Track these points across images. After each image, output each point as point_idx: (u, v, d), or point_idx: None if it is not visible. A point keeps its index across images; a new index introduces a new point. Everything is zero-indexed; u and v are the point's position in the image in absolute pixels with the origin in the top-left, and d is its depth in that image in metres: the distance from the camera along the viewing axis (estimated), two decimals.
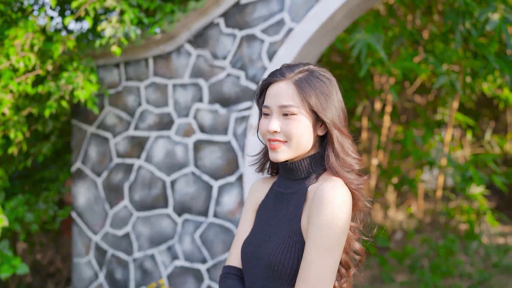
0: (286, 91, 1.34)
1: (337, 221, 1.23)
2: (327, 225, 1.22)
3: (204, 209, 3.28)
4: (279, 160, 1.35)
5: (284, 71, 1.37)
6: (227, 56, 3.21)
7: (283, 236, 1.31)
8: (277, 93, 1.35)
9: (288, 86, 1.34)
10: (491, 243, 6.12)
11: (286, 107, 1.33)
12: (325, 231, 1.22)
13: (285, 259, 1.28)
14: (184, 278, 3.35)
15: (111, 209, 3.63)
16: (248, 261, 1.38)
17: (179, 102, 3.38)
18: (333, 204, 1.23)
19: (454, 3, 4.43)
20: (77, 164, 3.79)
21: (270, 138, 1.35)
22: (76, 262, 3.79)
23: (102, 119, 3.68)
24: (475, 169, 5.05)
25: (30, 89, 3.19)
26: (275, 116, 1.35)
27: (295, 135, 1.33)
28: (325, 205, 1.23)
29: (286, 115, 1.33)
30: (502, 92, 5.93)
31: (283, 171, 1.42)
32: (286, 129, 1.33)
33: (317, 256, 1.22)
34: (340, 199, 1.24)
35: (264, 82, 1.40)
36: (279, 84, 1.36)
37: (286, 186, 1.41)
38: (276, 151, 1.35)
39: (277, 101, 1.34)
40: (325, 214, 1.23)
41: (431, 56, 4.41)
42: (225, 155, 3.21)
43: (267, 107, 1.37)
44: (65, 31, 4.02)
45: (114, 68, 3.63)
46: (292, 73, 1.36)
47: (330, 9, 2.82)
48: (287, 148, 1.34)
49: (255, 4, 3.11)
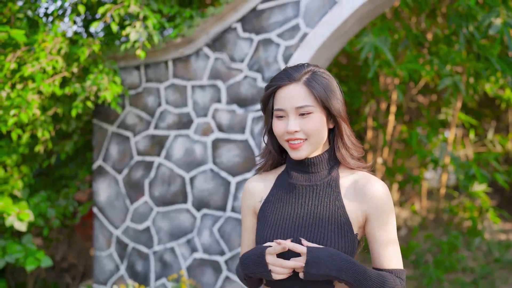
0: (299, 92, 1.42)
1: (392, 202, 1.46)
2: (390, 210, 1.43)
3: (222, 204, 3.47)
4: (301, 157, 1.45)
5: (291, 74, 1.44)
6: (244, 59, 3.39)
7: (332, 226, 1.41)
8: (290, 96, 1.42)
9: (300, 88, 1.43)
10: (493, 239, 6.30)
11: (302, 108, 1.42)
12: (391, 215, 1.44)
13: (340, 248, 1.39)
14: (203, 270, 3.53)
15: (131, 204, 3.81)
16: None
17: (198, 102, 3.56)
18: (387, 192, 1.44)
19: (458, 7, 4.61)
20: (98, 161, 3.97)
21: (290, 138, 1.43)
22: (98, 255, 3.97)
23: (122, 118, 3.86)
24: (477, 167, 5.22)
25: (58, 90, 3.37)
26: (292, 117, 1.42)
27: (314, 132, 1.43)
28: (384, 197, 1.43)
29: (302, 114, 1.42)
30: (504, 92, 6.11)
31: (299, 166, 1.49)
32: (305, 127, 1.42)
33: (391, 234, 1.44)
34: (386, 187, 1.46)
35: (274, 87, 1.46)
36: (290, 87, 1.43)
37: (304, 179, 1.48)
38: (298, 150, 1.44)
39: (292, 103, 1.42)
40: (387, 203, 1.43)
41: (436, 58, 4.59)
42: (243, 153, 3.39)
43: (282, 110, 1.44)
44: (85, 34, 4.21)
45: (134, 70, 3.81)
46: (299, 74, 1.44)
47: (343, 15, 3.00)
48: (307, 145, 1.44)
49: (271, 10, 3.29)
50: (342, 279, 1.35)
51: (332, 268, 1.34)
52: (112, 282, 3.89)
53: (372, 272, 1.39)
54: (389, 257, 1.43)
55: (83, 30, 4.25)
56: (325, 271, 1.34)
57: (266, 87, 1.50)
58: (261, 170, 1.58)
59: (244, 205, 1.59)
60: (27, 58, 3.40)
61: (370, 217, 1.43)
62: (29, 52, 3.44)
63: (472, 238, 6.00)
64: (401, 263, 1.46)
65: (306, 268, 1.35)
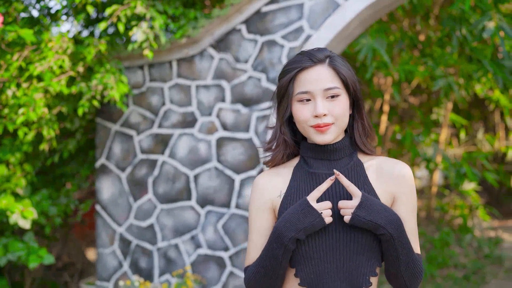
0: (326, 74, 1.36)
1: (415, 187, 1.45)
2: (414, 193, 1.42)
3: (226, 201, 3.55)
4: (328, 142, 1.37)
5: (315, 55, 1.37)
6: (248, 60, 3.48)
7: None
8: (317, 77, 1.35)
9: (326, 69, 1.36)
10: (483, 236, 6.48)
11: (331, 89, 1.35)
12: (415, 198, 1.43)
13: (375, 235, 1.35)
14: (207, 266, 3.61)
15: (135, 202, 3.88)
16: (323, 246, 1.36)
17: (202, 102, 3.64)
18: (412, 175, 1.43)
19: (451, 10, 4.75)
20: (101, 160, 4.03)
21: (318, 124, 1.35)
22: (101, 252, 4.02)
23: (126, 117, 3.92)
24: (469, 166, 5.37)
25: (65, 89, 3.42)
26: (319, 99, 1.35)
27: (342, 115, 1.37)
28: (410, 179, 1.42)
29: (331, 97, 1.36)
30: (493, 93, 6.28)
31: (318, 154, 1.41)
32: (334, 110, 1.36)
33: (414, 217, 1.42)
34: (411, 170, 1.45)
35: (297, 69, 1.37)
36: (315, 68, 1.36)
37: (326, 167, 1.41)
38: (325, 133, 1.36)
39: (320, 85, 1.35)
40: (413, 184, 1.42)
41: (430, 60, 4.72)
42: (247, 151, 3.48)
43: (307, 92, 1.36)
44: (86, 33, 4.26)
45: (138, 70, 3.88)
46: (323, 56, 1.38)
47: (345, 18, 3.11)
48: (334, 129, 1.37)
49: (276, 13, 3.38)
50: (389, 232, 1.30)
51: (382, 216, 1.30)
52: (115, 278, 3.95)
53: (411, 244, 1.37)
54: (412, 241, 1.40)
55: (85, 29, 4.30)
56: (375, 217, 1.29)
57: (284, 72, 1.41)
58: (273, 163, 1.47)
59: (256, 204, 1.45)
60: (33, 58, 3.46)
61: (398, 196, 1.39)
62: (36, 52, 3.49)
63: (463, 235, 6.17)
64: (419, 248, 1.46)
65: (357, 210, 1.29)
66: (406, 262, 1.34)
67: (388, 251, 1.33)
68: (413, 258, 1.36)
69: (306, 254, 1.35)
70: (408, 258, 1.35)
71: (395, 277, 1.38)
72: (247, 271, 1.45)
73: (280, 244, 1.33)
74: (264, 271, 1.38)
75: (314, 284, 1.35)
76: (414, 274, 1.38)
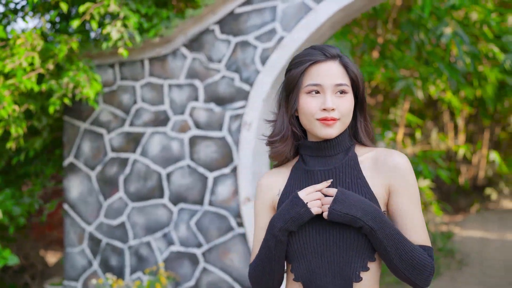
0: (337, 70, 1.39)
1: (415, 178, 1.40)
2: (414, 183, 1.38)
3: (199, 199, 3.60)
4: (332, 136, 1.39)
5: (328, 50, 1.40)
6: (222, 60, 3.55)
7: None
8: (330, 72, 1.38)
9: (338, 66, 1.40)
10: (436, 231, 6.82)
11: (341, 85, 1.38)
12: (415, 188, 1.39)
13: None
14: (180, 262, 3.65)
15: (105, 200, 3.86)
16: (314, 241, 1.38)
17: (175, 100, 3.68)
18: (409, 165, 1.39)
19: (410, 16, 5.00)
20: (69, 158, 3.98)
21: (325, 117, 1.37)
22: (69, 252, 3.98)
23: (96, 116, 3.90)
24: (425, 164, 5.66)
25: (36, 87, 3.37)
26: (329, 93, 1.38)
27: (348, 113, 1.40)
28: (407, 168, 1.39)
29: (341, 92, 1.38)
30: (446, 95, 6.63)
31: (315, 151, 1.44)
32: (342, 107, 1.38)
33: (417, 208, 1.38)
34: (408, 160, 1.41)
35: (310, 62, 1.39)
36: (328, 63, 1.39)
37: (321, 164, 1.43)
38: (331, 127, 1.38)
39: (332, 80, 1.38)
40: (410, 174, 1.38)
41: (391, 62, 4.95)
42: (220, 149, 3.55)
43: (318, 85, 1.38)
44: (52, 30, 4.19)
45: (108, 68, 3.86)
46: (335, 52, 1.41)
47: (318, 21, 3.23)
48: (339, 125, 1.39)
49: (249, 14, 3.46)
50: (366, 224, 1.30)
51: (358, 209, 1.31)
52: (84, 278, 3.92)
53: (402, 234, 1.34)
54: (417, 232, 1.36)
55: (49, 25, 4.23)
56: (351, 210, 1.30)
57: (296, 64, 1.43)
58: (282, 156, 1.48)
59: (258, 203, 1.51)
60: (1, 54, 3.38)
61: (394, 189, 1.37)
62: (4, 48, 3.42)
63: None
64: (429, 241, 1.39)
65: (332, 204, 1.32)
66: (398, 254, 1.31)
67: (374, 244, 1.33)
68: (408, 250, 1.32)
69: (299, 250, 1.39)
70: (399, 249, 1.31)
71: (394, 270, 1.35)
72: (249, 266, 1.50)
73: (272, 235, 1.38)
74: (262, 264, 1.43)
75: (307, 279, 1.38)
76: (414, 266, 1.32)
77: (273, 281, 1.46)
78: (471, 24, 5.20)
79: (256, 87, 3.44)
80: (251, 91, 3.46)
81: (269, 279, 1.45)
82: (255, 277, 1.47)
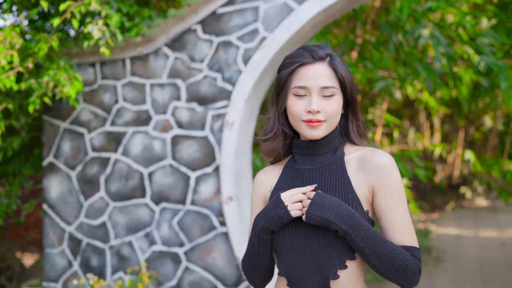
0: (325, 72, 1.40)
1: (400, 177, 1.41)
2: (398, 182, 1.39)
3: (181, 198, 3.61)
4: (317, 137, 1.42)
5: (316, 52, 1.41)
6: (204, 60, 3.56)
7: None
8: (316, 74, 1.39)
9: (325, 68, 1.40)
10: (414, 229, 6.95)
11: (328, 88, 1.39)
12: (399, 187, 1.39)
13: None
14: (162, 262, 3.65)
15: (86, 200, 3.83)
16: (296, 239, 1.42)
17: (157, 100, 3.67)
18: (393, 164, 1.40)
19: (388, 17, 5.09)
20: (49, 158, 3.94)
21: (310, 119, 1.40)
22: (48, 252, 3.93)
23: (76, 115, 3.87)
24: (403, 163, 5.76)
25: (15, 85, 3.33)
26: (315, 96, 1.39)
27: (335, 114, 1.42)
28: (389, 168, 1.39)
29: (326, 96, 1.40)
30: (423, 95, 6.76)
31: (304, 150, 1.47)
32: (327, 109, 1.40)
33: (401, 208, 1.38)
34: (393, 159, 1.42)
35: (298, 63, 1.41)
36: (315, 65, 1.40)
37: (309, 163, 1.46)
38: (316, 129, 1.40)
39: (318, 83, 1.39)
40: (393, 174, 1.39)
41: (370, 63, 5.03)
42: (202, 149, 3.56)
43: (304, 88, 1.40)
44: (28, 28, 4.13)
45: (89, 67, 3.83)
46: (324, 54, 1.41)
47: (300, 21, 3.27)
48: (325, 126, 1.42)
49: (231, 14, 3.48)
50: (340, 228, 1.32)
51: (332, 213, 1.33)
52: (64, 278, 3.88)
53: (380, 236, 1.34)
54: (401, 232, 1.36)
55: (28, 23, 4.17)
56: (325, 214, 1.33)
57: (285, 65, 1.45)
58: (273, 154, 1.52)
59: (254, 198, 1.57)
60: None
61: (377, 188, 1.38)
62: None
63: None
64: (416, 241, 1.38)
65: (309, 208, 1.35)
66: (377, 256, 1.32)
67: (353, 246, 1.35)
68: (387, 251, 1.32)
69: (283, 247, 1.43)
70: (377, 251, 1.32)
71: (377, 272, 1.37)
72: (242, 258, 1.57)
73: (255, 232, 1.45)
74: (249, 258, 1.51)
75: (290, 274, 1.43)
76: (395, 267, 1.33)
77: (260, 275, 1.53)
78: (447, 26, 5.32)
79: (238, 87, 3.46)
80: (233, 91, 3.48)
81: (256, 272, 1.52)
82: (244, 269, 1.55)
